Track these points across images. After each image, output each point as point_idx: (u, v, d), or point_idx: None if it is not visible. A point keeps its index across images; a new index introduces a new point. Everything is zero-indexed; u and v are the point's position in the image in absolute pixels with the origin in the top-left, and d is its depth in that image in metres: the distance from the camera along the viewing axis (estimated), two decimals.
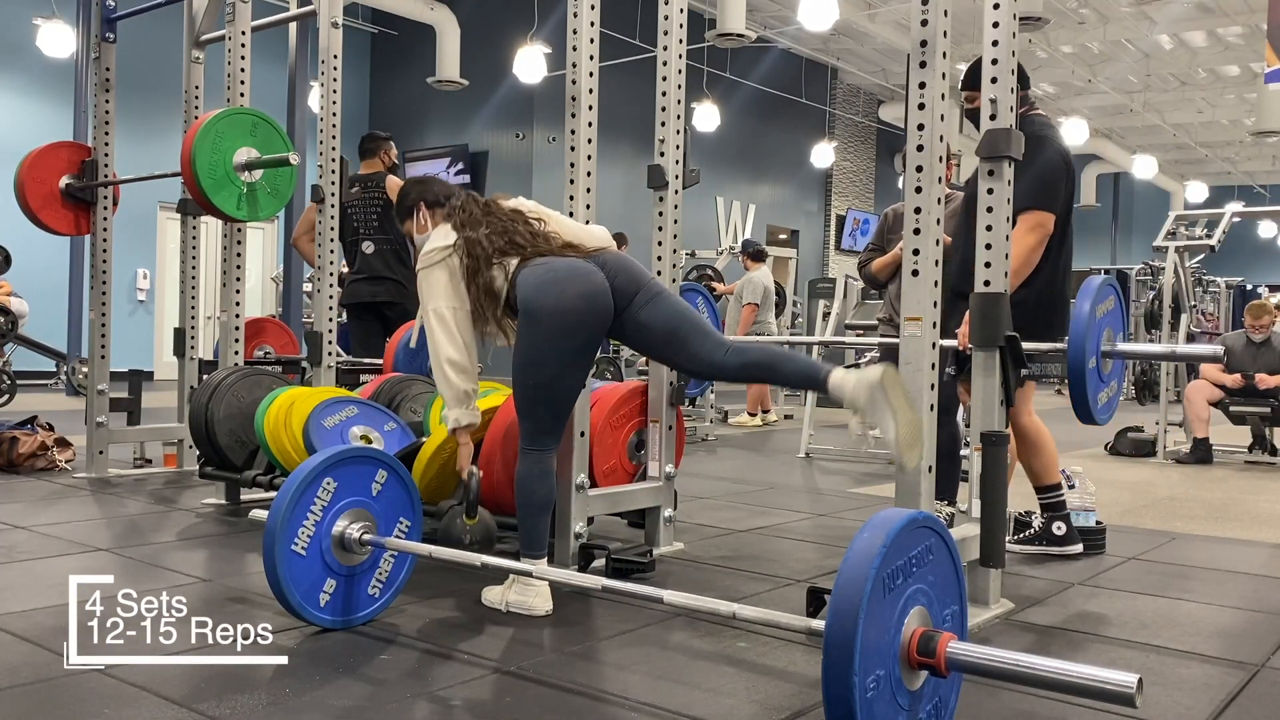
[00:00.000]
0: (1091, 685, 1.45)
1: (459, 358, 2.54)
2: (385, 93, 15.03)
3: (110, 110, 4.78)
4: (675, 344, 2.56)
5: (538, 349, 2.47)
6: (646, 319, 2.55)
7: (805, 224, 17.38)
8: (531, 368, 2.48)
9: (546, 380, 2.50)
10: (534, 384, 2.50)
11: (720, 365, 2.53)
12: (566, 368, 2.51)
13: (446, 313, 2.54)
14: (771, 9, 13.62)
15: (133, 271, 12.30)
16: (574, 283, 2.47)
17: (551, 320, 2.44)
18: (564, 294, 2.45)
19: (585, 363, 2.58)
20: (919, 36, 2.34)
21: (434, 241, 2.61)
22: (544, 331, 2.45)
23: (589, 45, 3.05)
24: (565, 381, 2.53)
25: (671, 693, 2.04)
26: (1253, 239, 20.44)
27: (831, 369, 2.40)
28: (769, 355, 2.56)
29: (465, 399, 2.56)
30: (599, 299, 2.49)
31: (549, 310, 2.44)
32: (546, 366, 2.48)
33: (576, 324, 2.46)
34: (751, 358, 2.54)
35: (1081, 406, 2.69)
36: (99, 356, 4.73)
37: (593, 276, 2.50)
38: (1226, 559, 3.52)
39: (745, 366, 2.53)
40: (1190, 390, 6.64)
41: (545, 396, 2.52)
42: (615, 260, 2.58)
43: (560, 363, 2.49)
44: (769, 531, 3.79)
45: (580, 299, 2.46)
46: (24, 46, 10.91)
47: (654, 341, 2.59)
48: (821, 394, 2.45)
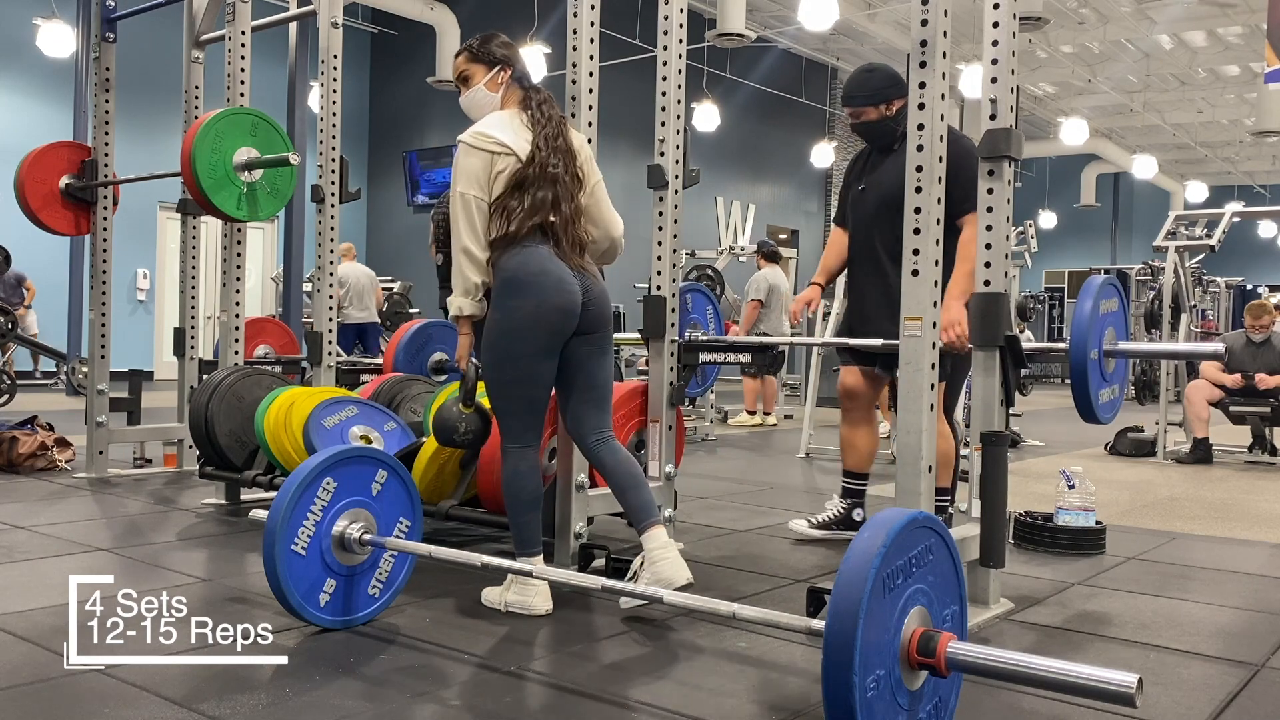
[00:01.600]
0: (1091, 685, 1.45)
1: (475, 249, 2.52)
2: (385, 93, 15.03)
3: (110, 110, 4.78)
4: (575, 393, 2.64)
5: (508, 345, 2.50)
6: (579, 356, 2.61)
7: (805, 224, 17.39)
8: (506, 364, 2.52)
9: (522, 375, 2.52)
10: (510, 380, 2.53)
11: (583, 441, 2.67)
12: (537, 362, 2.53)
13: (473, 200, 2.51)
14: (771, 9, 13.61)
15: (133, 271, 12.31)
16: (559, 294, 2.50)
17: (527, 320, 2.48)
18: (544, 302, 2.48)
19: (554, 359, 2.59)
20: (919, 36, 2.34)
21: (496, 128, 2.55)
22: (516, 328, 2.49)
23: (589, 45, 3.05)
24: (538, 374, 2.55)
25: (671, 693, 2.04)
26: (1253, 239, 20.44)
27: (658, 520, 2.58)
28: (626, 473, 2.62)
29: (474, 290, 2.55)
30: (570, 318, 2.54)
31: (527, 311, 2.48)
32: (520, 361, 2.51)
33: (547, 330, 2.51)
34: (609, 461, 2.64)
35: (1084, 404, 2.69)
36: (99, 356, 4.73)
37: (574, 296, 2.53)
38: (1226, 559, 3.52)
39: (600, 460, 2.65)
40: (1190, 390, 6.64)
41: (521, 392, 2.54)
42: (597, 292, 2.60)
43: (531, 357, 2.52)
44: (769, 531, 3.79)
45: (557, 311, 2.50)
46: (24, 46, 10.91)
47: (564, 377, 2.63)
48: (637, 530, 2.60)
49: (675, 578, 2.49)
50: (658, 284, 3.25)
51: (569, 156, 2.60)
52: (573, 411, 2.67)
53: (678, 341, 3.28)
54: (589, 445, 2.67)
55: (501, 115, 2.61)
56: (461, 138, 2.56)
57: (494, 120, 2.59)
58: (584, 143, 2.72)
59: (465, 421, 2.71)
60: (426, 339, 4.15)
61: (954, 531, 2.42)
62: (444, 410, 2.75)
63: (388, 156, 14.76)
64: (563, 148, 2.59)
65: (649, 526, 2.57)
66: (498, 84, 2.69)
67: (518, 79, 2.70)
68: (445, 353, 4.35)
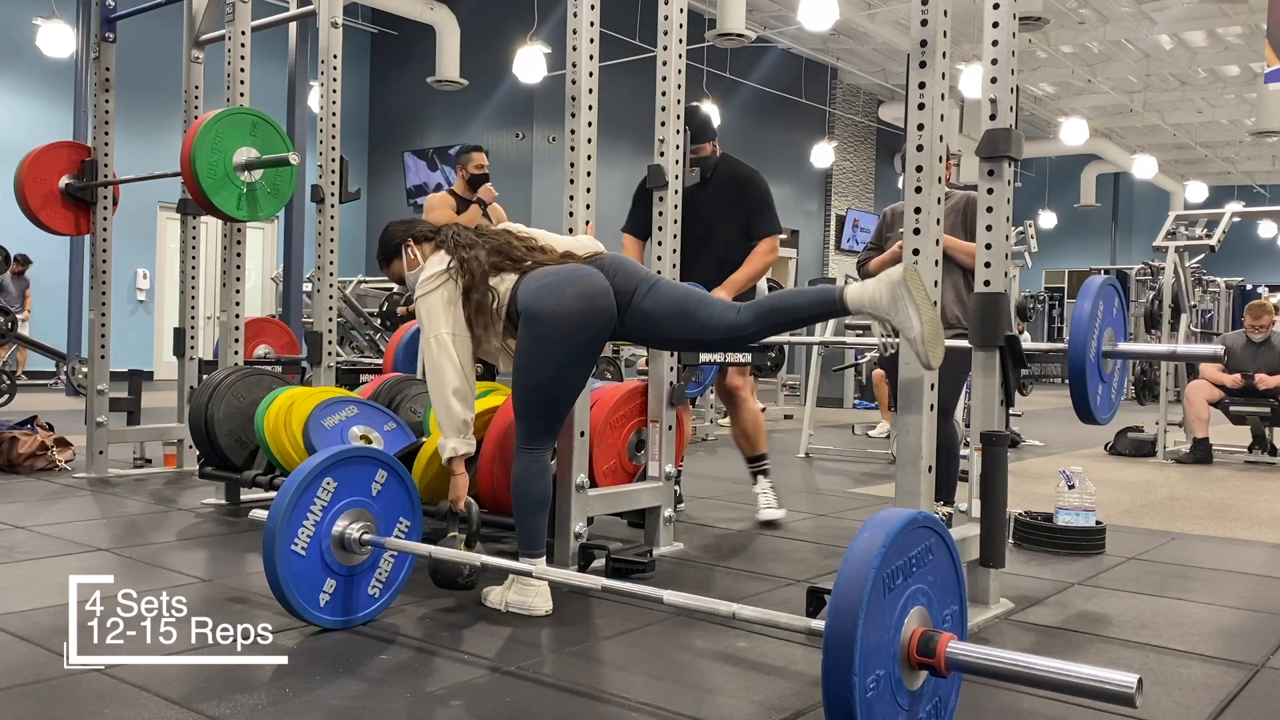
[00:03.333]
0: (1091, 685, 1.45)
1: (461, 385, 2.52)
2: (385, 93, 15.03)
3: (110, 110, 4.78)
4: (687, 320, 2.52)
5: (537, 351, 2.46)
6: (651, 307, 2.54)
7: (805, 224, 17.38)
8: (532, 369, 2.47)
9: (547, 382, 2.48)
10: (534, 385, 2.49)
11: (737, 325, 2.48)
12: (567, 369, 2.49)
13: (447, 339, 2.52)
14: (771, 9, 13.61)
15: (133, 271, 12.31)
16: (574, 284, 2.46)
17: (551, 322, 2.43)
18: (563, 295, 2.44)
19: (586, 365, 2.56)
20: (919, 36, 2.34)
21: (429, 269, 2.60)
22: (544, 333, 2.44)
23: (589, 45, 3.05)
24: (565, 383, 2.52)
25: (671, 693, 2.04)
26: (1253, 239, 20.43)
27: (843, 287, 2.38)
28: (778, 298, 2.52)
29: (464, 428, 2.53)
30: (600, 299, 2.48)
31: (549, 312, 2.43)
32: (546, 368, 2.47)
33: (576, 325, 2.44)
34: (764, 306, 2.48)
35: (1082, 406, 2.68)
36: (99, 356, 4.73)
37: (593, 277, 2.50)
38: (1226, 559, 3.52)
39: (760, 316, 2.46)
40: (1190, 390, 6.64)
41: (544, 398, 2.50)
42: (612, 260, 2.60)
43: (560, 364, 2.48)
44: (769, 531, 3.79)
45: (580, 299, 2.44)
46: (24, 46, 10.91)
47: (665, 326, 2.55)
48: (843, 314, 2.42)
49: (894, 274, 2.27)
50: None
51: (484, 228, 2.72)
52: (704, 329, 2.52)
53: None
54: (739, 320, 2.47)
55: (428, 262, 2.65)
56: (415, 299, 2.61)
57: (426, 267, 2.64)
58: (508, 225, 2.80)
59: (468, 564, 2.45)
60: None
61: (954, 531, 2.42)
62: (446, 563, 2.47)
63: (388, 156, 14.76)
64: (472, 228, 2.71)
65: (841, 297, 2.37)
66: (415, 259, 2.72)
67: (421, 240, 2.73)
68: None
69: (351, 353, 9.92)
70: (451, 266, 2.56)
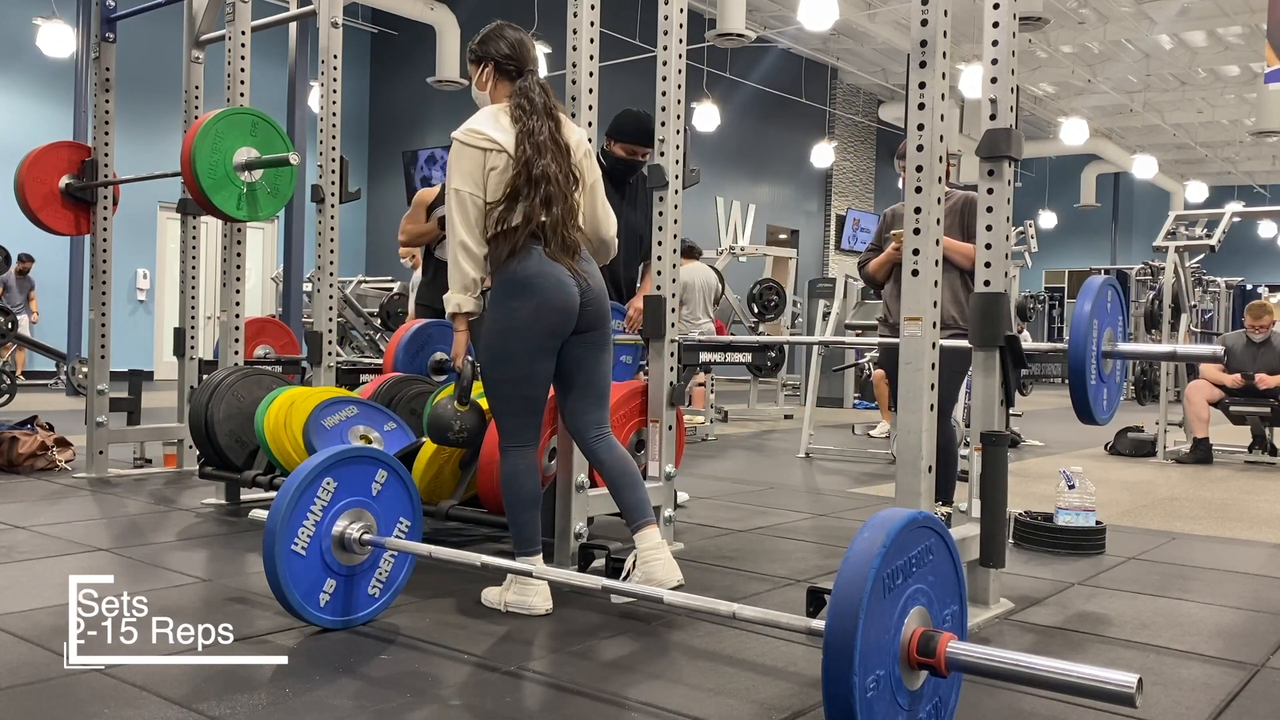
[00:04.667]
0: (1091, 685, 1.45)
1: (472, 244, 2.52)
2: (385, 93, 15.04)
3: (110, 110, 4.78)
4: (574, 390, 2.65)
5: (506, 345, 2.51)
6: (577, 354, 2.61)
7: (805, 224, 17.39)
8: (504, 363, 2.52)
9: (520, 375, 2.53)
10: (507, 379, 2.54)
11: (582, 437, 2.69)
12: (535, 362, 2.54)
13: (468, 198, 2.51)
14: (771, 9, 13.62)
15: (133, 271, 12.31)
16: (559, 295, 2.50)
17: (525, 320, 2.49)
18: (544, 303, 2.49)
19: (552, 359, 2.59)
20: (919, 36, 2.34)
21: (485, 124, 2.53)
22: (514, 328, 2.49)
23: (589, 45, 3.05)
24: (536, 374, 2.56)
25: (671, 693, 2.04)
26: (1253, 239, 20.44)
27: (651, 520, 2.60)
28: (622, 471, 2.64)
29: (472, 286, 2.54)
30: (569, 319, 2.54)
31: (527, 312, 2.48)
32: (518, 361, 2.52)
33: (546, 330, 2.51)
34: (607, 458, 2.66)
35: (1082, 406, 2.68)
36: (99, 356, 4.73)
37: (573, 296, 2.53)
38: (1226, 559, 3.52)
39: (598, 457, 2.67)
40: (1190, 390, 6.64)
41: (519, 391, 2.55)
42: (596, 288, 2.60)
43: (529, 356, 2.52)
44: (769, 531, 3.79)
45: (556, 312, 2.51)
46: (24, 46, 10.91)
47: (563, 374, 2.64)
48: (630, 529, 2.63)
49: (666, 579, 2.49)
50: (658, 284, 3.25)
51: (560, 153, 2.55)
52: (571, 408, 2.68)
53: (677, 341, 3.28)
54: (587, 441, 2.68)
55: (490, 111, 2.59)
56: (454, 134, 2.55)
57: (483, 116, 2.57)
58: (582, 139, 2.66)
59: (460, 419, 2.70)
60: (426, 339, 4.13)
61: (954, 531, 2.42)
62: (439, 408, 2.73)
63: (388, 156, 14.76)
64: (549, 144, 2.53)
65: (643, 526, 2.59)
66: (484, 82, 2.67)
67: (505, 71, 2.64)
68: (445, 352, 4.34)
69: (351, 353, 9.94)
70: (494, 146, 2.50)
